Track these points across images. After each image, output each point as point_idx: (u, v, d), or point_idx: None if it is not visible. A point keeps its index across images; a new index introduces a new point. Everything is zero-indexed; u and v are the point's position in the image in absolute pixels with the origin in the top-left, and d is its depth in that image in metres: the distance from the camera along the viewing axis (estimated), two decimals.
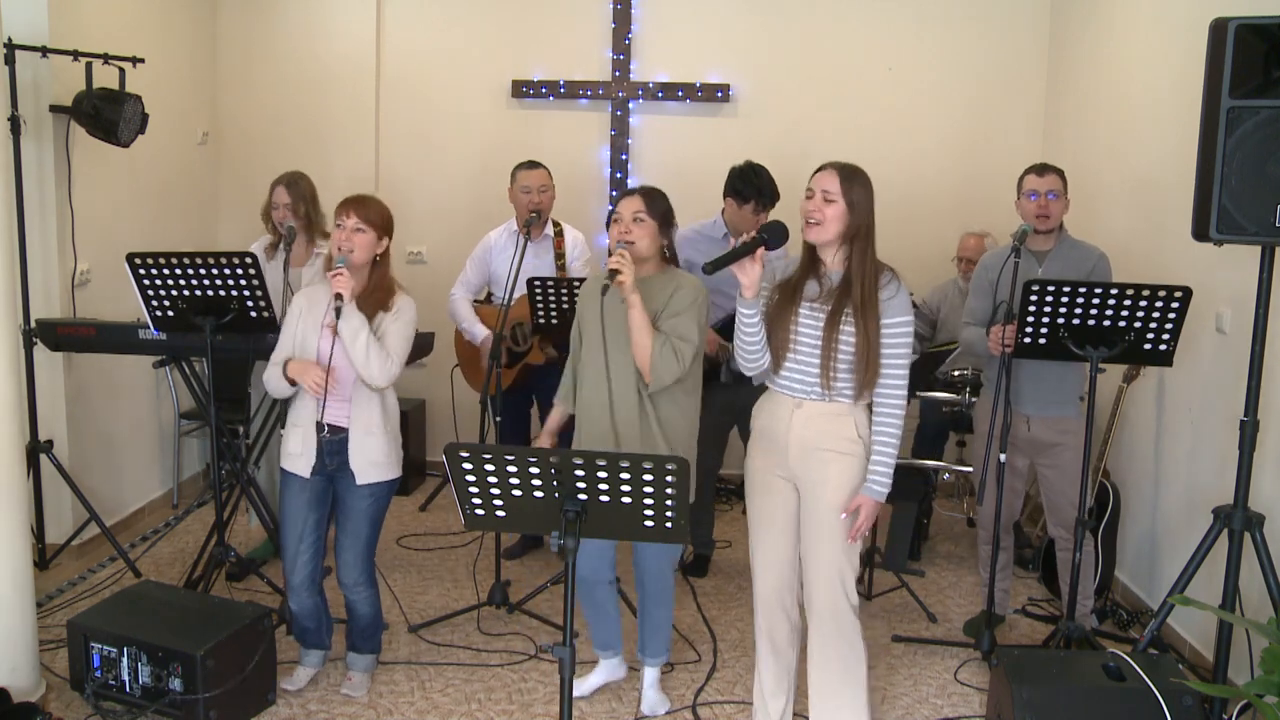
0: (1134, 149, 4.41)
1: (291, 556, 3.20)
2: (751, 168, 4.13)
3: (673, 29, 5.59)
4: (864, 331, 2.67)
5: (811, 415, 2.75)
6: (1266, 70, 2.65)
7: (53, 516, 4.33)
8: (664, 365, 2.94)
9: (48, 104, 4.13)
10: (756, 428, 2.90)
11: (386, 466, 3.18)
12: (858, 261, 2.71)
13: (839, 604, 2.79)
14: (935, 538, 4.99)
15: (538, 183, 4.34)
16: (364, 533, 3.20)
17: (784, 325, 2.75)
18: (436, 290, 4.75)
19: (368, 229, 3.09)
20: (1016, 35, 5.49)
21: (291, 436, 3.16)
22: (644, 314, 2.94)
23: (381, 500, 3.21)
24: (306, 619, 3.30)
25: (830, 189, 2.70)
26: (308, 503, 3.17)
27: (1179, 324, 3.24)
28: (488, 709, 3.30)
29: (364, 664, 3.38)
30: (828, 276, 2.76)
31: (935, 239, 5.29)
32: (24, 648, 3.08)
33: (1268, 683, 2.49)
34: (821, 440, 2.75)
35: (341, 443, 3.13)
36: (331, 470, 3.15)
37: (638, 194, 3.08)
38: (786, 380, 2.79)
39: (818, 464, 2.76)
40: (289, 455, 3.17)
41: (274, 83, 5.66)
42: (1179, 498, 3.90)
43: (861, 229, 2.71)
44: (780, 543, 2.87)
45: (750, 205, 4.09)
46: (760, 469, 2.89)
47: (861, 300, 2.68)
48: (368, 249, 3.09)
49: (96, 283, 4.46)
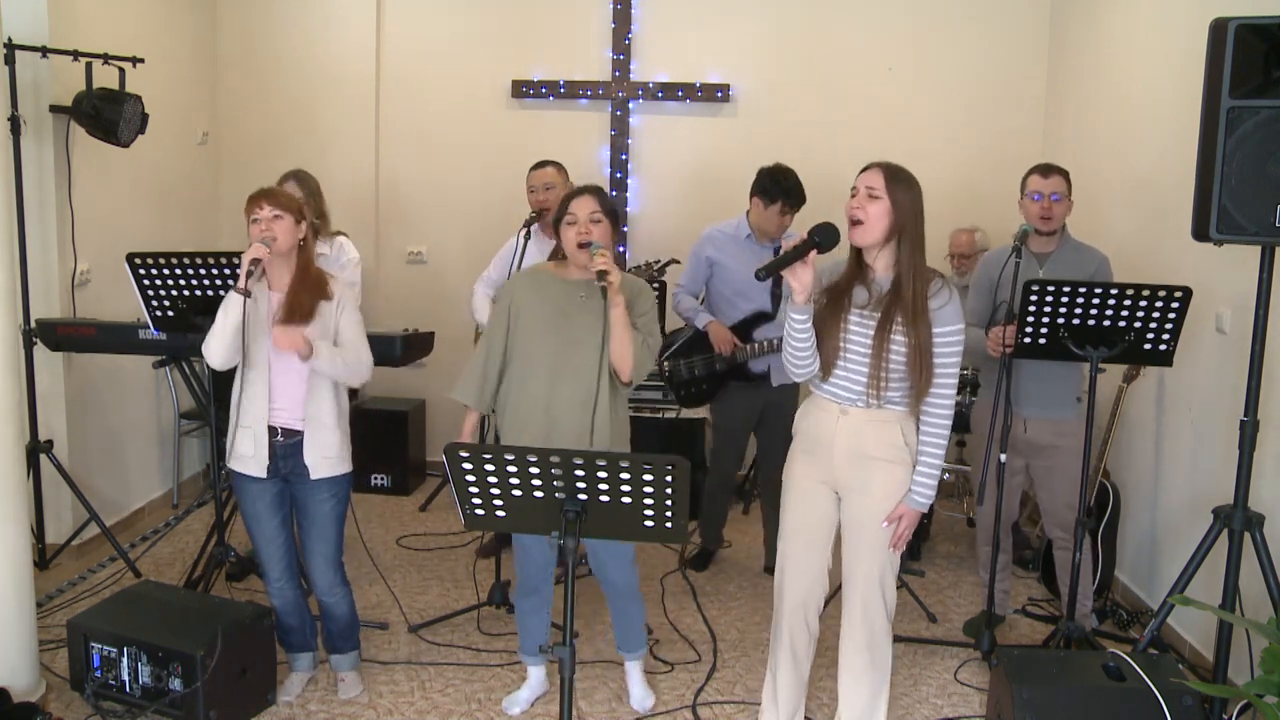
0: (1134, 149, 4.41)
1: (268, 555, 3.18)
2: (781, 169, 4.11)
3: (673, 29, 5.59)
4: (916, 340, 2.62)
5: (859, 422, 2.72)
6: (1266, 70, 2.65)
7: (53, 516, 4.33)
8: (643, 362, 3.03)
9: (48, 104, 4.13)
10: (800, 432, 2.87)
11: (339, 460, 3.15)
12: (906, 266, 2.65)
13: (876, 611, 2.78)
14: (935, 538, 4.99)
15: (541, 181, 4.33)
16: (331, 535, 3.17)
17: (833, 332, 2.69)
18: (436, 290, 4.75)
19: (285, 214, 3.02)
20: (1016, 35, 5.48)
21: (242, 438, 3.08)
22: (626, 315, 2.95)
23: (342, 498, 3.18)
24: (289, 615, 3.27)
25: (874, 185, 2.66)
26: (269, 505, 3.14)
27: (1179, 324, 3.24)
28: (488, 709, 3.30)
29: (350, 662, 3.37)
30: (875, 282, 2.70)
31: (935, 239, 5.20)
32: (24, 648, 3.08)
33: (1268, 683, 2.49)
34: (868, 447, 2.72)
35: (295, 446, 3.09)
36: (286, 473, 3.11)
37: (590, 194, 3.04)
38: (832, 386, 2.74)
39: (864, 471, 2.73)
40: (241, 457, 3.10)
41: (274, 83, 5.66)
42: (1179, 498, 3.90)
43: (908, 230, 2.65)
44: (815, 553, 2.84)
45: (777, 206, 4.06)
46: (801, 475, 2.85)
47: (912, 308, 2.63)
48: (289, 233, 3.02)
49: (96, 283, 4.46)
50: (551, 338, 3.03)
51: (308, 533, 3.18)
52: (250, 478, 3.11)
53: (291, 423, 3.08)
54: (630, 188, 5.63)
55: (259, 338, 3.05)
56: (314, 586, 3.24)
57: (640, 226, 5.65)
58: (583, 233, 2.98)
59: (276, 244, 2.98)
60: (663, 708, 3.33)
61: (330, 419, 3.12)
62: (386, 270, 5.75)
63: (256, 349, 3.06)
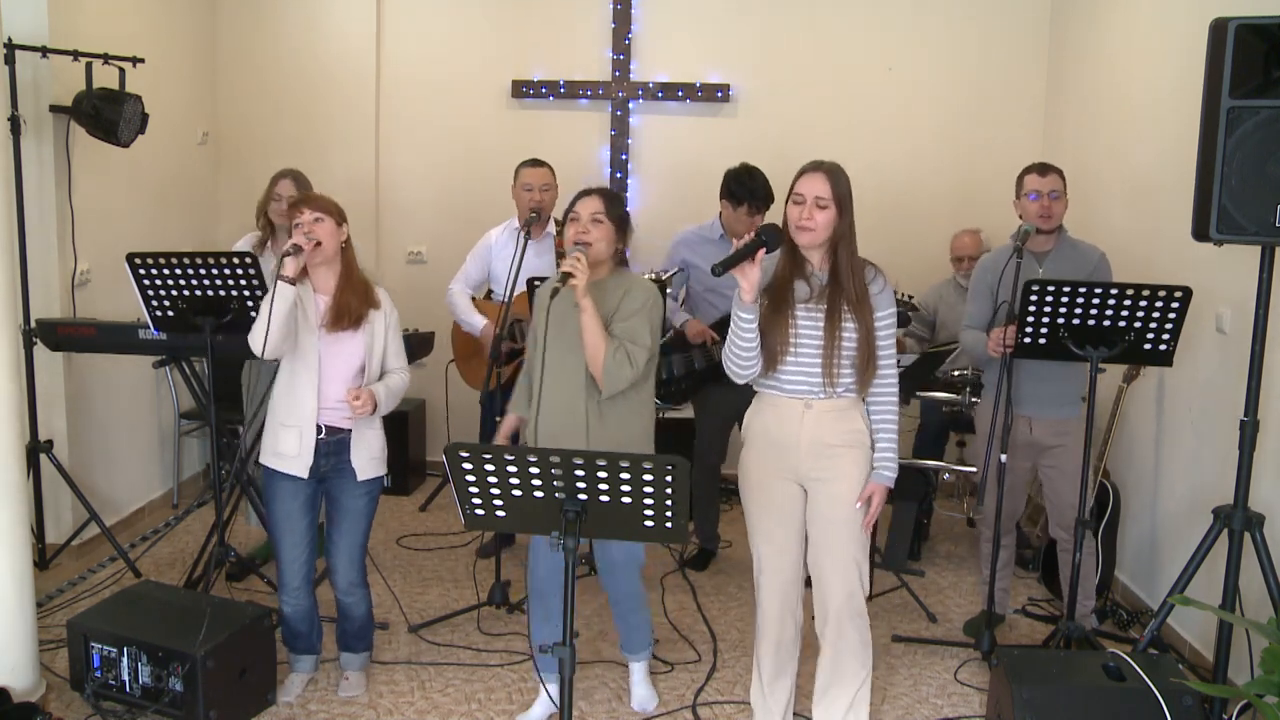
0: (1134, 149, 4.41)
1: (291, 560, 3.18)
2: (746, 170, 4.16)
3: (673, 29, 5.59)
4: (864, 327, 2.74)
5: (822, 414, 2.78)
6: (1266, 70, 2.65)
7: (53, 516, 4.33)
8: (617, 371, 2.92)
9: (48, 104, 4.13)
10: (754, 432, 2.89)
11: (383, 460, 3.23)
12: (845, 259, 2.75)
13: (855, 596, 2.82)
14: (935, 538, 4.99)
15: (539, 181, 4.34)
16: (360, 531, 3.20)
17: (780, 327, 2.76)
18: (436, 290, 4.74)
19: (326, 217, 3.04)
20: (1016, 35, 5.48)
21: (285, 437, 3.10)
22: (596, 318, 2.90)
23: (375, 497, 3.22)
24: (300, 622, 3.27)
25: (822, 195, 2.72)
26: (302, 506, 3.15)
27: (1179, 324, 3.24)
28: (488, 709, 3.30)
29: (359, 662, 3.38)
30: (815, 276, 2.79)
31: (934, 239, 5.29)
32: (24, 648, 3.08)
33: (1268, 683, 2.50)
34: (833, 436, 2.78)
35: (340, 443, 3.12)
36: (325, 471, 3.14)
37: (597, 194, 3.04)
38: (791, 383, 2.79)
39: (829, 460, 2.78)
40: (282, 456, 3.10)
41: (274, 83, 5.66)
42: (1179, 498, 3.90)
43: (847, 227, 2.76)
44: (790, 545, 2.88)
45: (745, 208, 4.12)
46: (759, 472, 2.88)
47: (855, 296, 2.74)
48: (332, 236, 3.05)
49: (96, 283, 4.46)
50: (553, 344, 3.01)
51: (337, 527, 3.20)
52: (287, 476, 3.12)
53: (340, 421, 3.12)
54: (630, 188, 5.64)
55: (306, 337, 3.08)
56: (335, 584, 3.24)
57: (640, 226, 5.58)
58: (581, 232, 2.98)
59: (321, 247, 3.02)
60: (663, 708, 3.33)
61: (376, 420, 3.18)
62: (386, 270, 5.75)
63: (305, 348, 3.08)
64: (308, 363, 3.08)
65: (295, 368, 3.10)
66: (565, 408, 3.00)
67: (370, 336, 3.12)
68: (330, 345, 3.09)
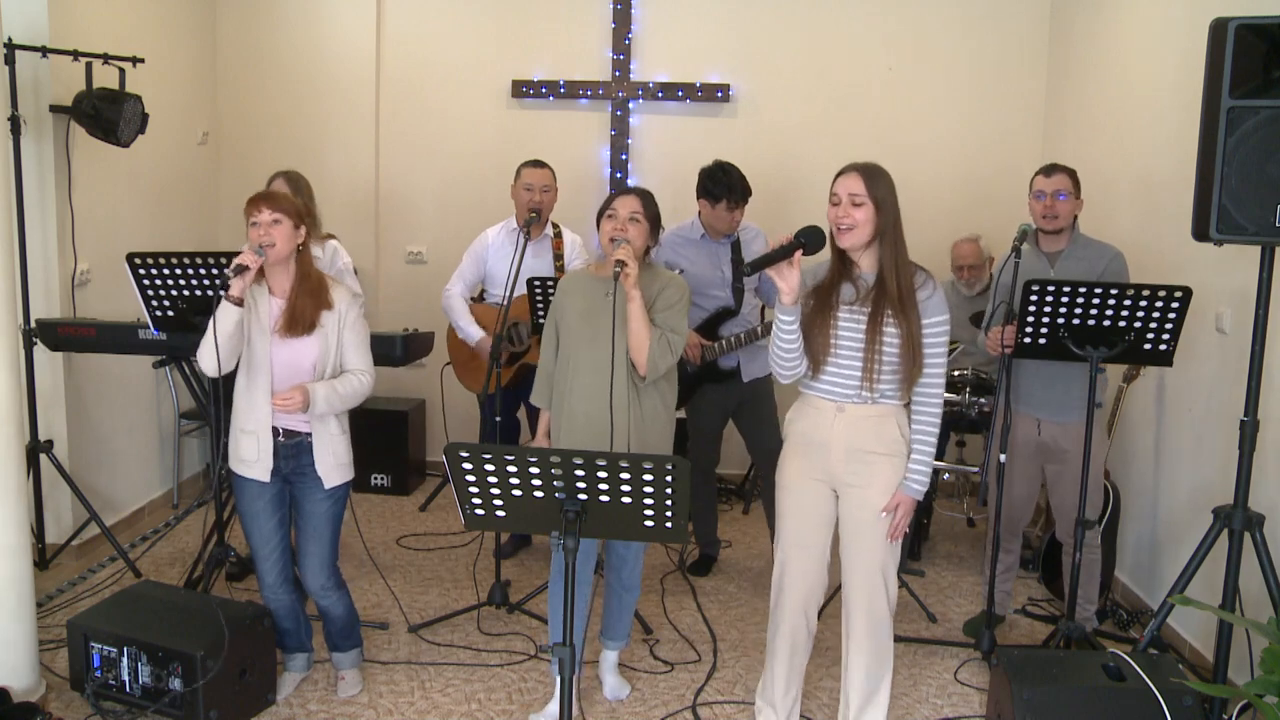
0: (1134, 149, 4.41)
1: (264, 557, 3.16)
2: (720, 166, 4.14)
3: (673, 29, 5.59)
4: (907, 330, 2.69)
5: (855, 418, 2.76)
6: (1266, 70, 2.65)
7: (53, 516, 4.33)
8: (660, 356, 3.02)
9: (48, 104, 4.13)
10: (793, 432, 2.89)
11: (350, 466, 3.18)
12: (889, 260, 2.72)
13: (879, 603, 2.82)
14: (935, 538, 4.99)
15: (540, 182, 4.34)
16: (327, 536, 3.17)
17: (823, 330, 2.74)
18: (436, 290, 4.74)
19: (284, 219, 2.99)
20: (1016, 35, 5.48)
21: (244, 442, 3.07)
22: (643, 307, 3.00)
23: (341, 500, 3.18)
24: (284, 619, 3.27)
25: (856, 191, 2.70)
26: (269, 504, 3.12)
27: (1179, 324, 3.24)
28: (488, 709, 3.31)
29: (350, 660, 3.37)
30: (861, 278, 2.76)
31: (935, 239, 5.27)
32: (24, 647, 3.09)
33: (1268, 683, 2.50)
34: (867, 442, 2.76)
35: (298, 446, 3.08)
36: (287, 473, 3.11)
37: (635, 194, 3.13)
38: (827, 384, 2.78)
39: (863, 466, 2.77)
40: (244, 462, 3.09)
41: (274, 83, 5.66)
42: (1179, 498, 3.90)
43: (890, 227, 2.72)
44: (816, 553, 2.88)
45: (723, 204, 4.10)
46: (797, 475, 2.87)
47: (900, 299, 2.69)
48: (288, 239, 3.00)
49: (96, 283, 4.46)
50: (584, 334, 3.10)
51: (304, 532, 3.17)
52: (252, 479, 3.11)
53: (295, 424, 3.08)
54: None
55: (259, 342, 3.04)
56: (307, 589, 3.23)
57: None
58: (619, 229, 3.05)
59: (274, 250, 2.97)
60: (663, 708, 3.33)
61: (336, 425, 3.13)
62: (386, 270, 5.75)
63: (258, 352, 3.04)
64: (261, 367, 3.04)
65: (250, 372, 3.06)
66: (600, 396, 3.04)
67: (324, 339, 3.06)
68: (282, 350, 3.04)
